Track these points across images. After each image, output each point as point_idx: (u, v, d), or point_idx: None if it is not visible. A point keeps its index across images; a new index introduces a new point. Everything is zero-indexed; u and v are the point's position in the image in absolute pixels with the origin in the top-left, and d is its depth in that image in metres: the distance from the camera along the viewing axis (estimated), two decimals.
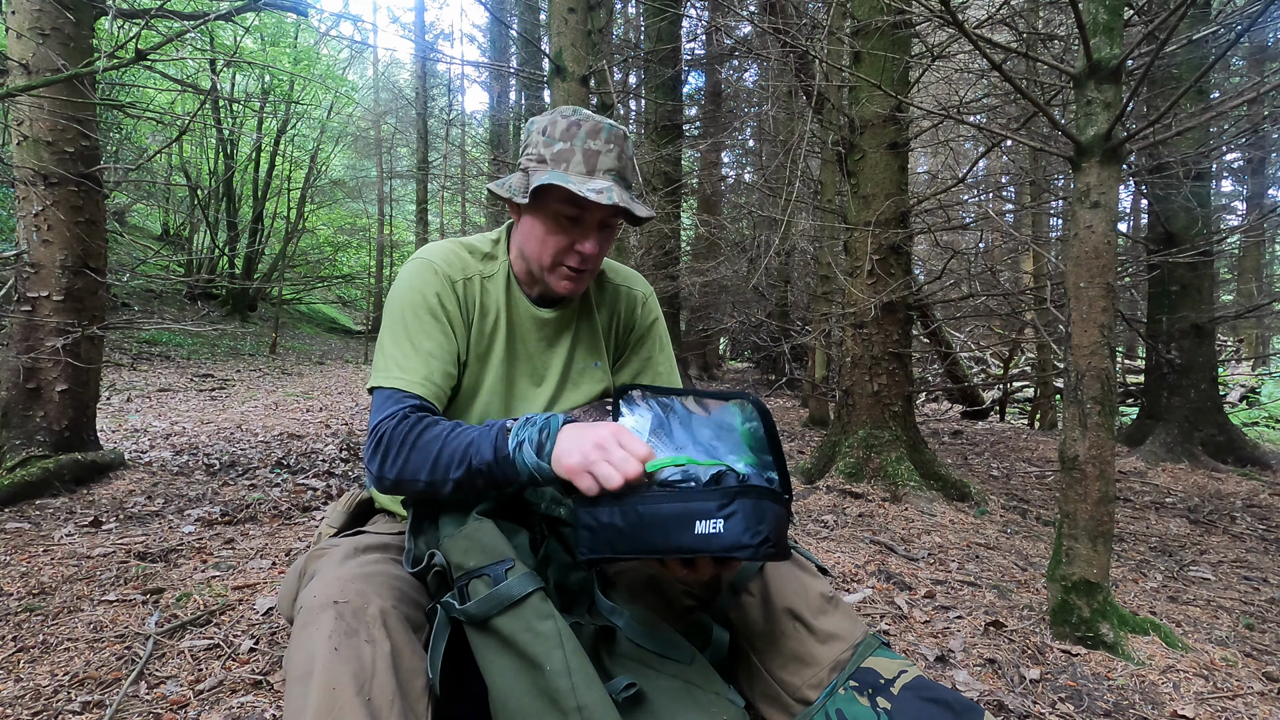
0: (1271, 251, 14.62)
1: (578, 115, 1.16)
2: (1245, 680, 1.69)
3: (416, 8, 16.55)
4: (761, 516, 0.89)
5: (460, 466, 1.01)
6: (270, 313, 13.45)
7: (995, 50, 2.56)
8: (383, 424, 1.07)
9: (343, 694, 0.82)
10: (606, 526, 0.92)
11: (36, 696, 1.41)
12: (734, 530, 0.87)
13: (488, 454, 1.00)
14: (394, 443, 1.05)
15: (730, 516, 0.88)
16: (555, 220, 1.17)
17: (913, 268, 4.34)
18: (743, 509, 0.88)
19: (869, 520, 3.19)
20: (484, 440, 1.01)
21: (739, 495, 0.89)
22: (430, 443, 1.04)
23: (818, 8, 5.17)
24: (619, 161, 1.16)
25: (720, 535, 0.88)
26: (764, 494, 0.91)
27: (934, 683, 1.01)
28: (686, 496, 0.90)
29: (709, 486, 0.91)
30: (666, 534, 0.89)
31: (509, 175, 1.24)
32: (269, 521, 2.82)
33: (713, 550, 0.88)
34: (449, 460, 1.02)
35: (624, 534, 0.91)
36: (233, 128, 13.19)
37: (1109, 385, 1.81)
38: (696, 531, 0.88)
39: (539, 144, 1.17)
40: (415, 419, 1.07)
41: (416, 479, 1.04)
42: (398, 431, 1.05)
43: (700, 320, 11.83)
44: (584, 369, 1.30)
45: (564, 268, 1.19)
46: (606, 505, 0.92)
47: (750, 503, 0.89)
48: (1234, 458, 5.36)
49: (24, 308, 3.07)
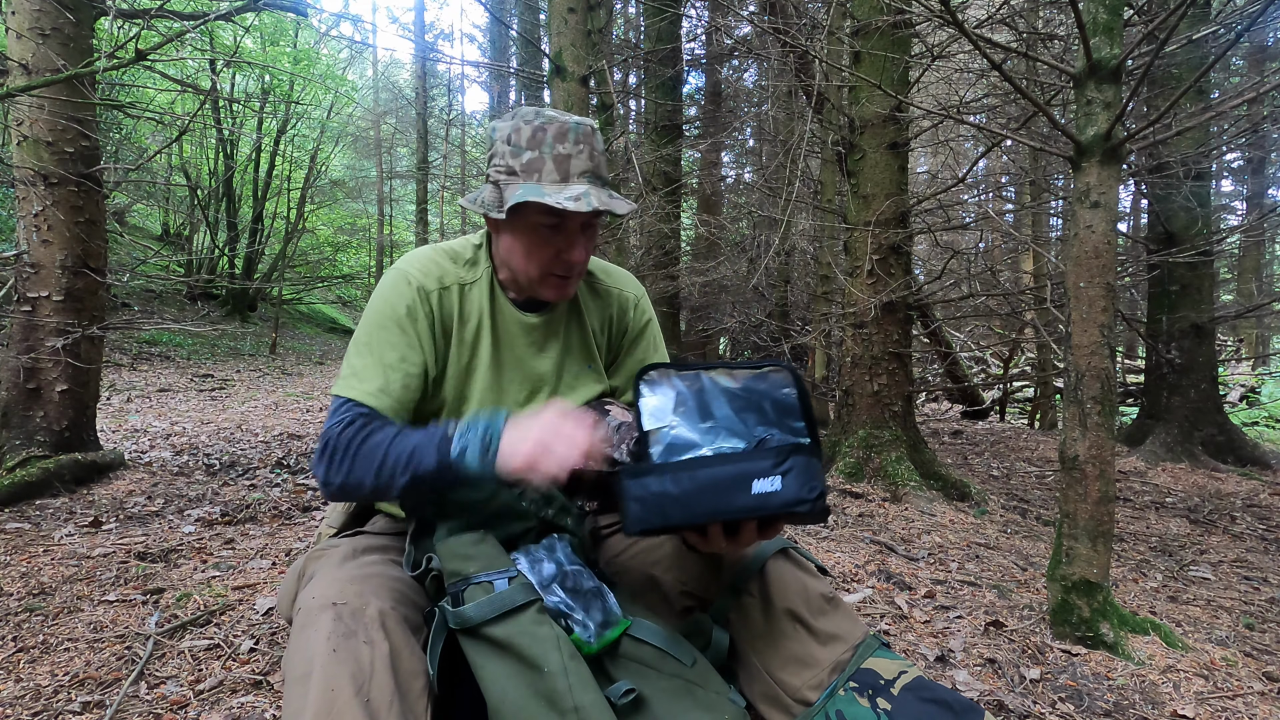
0: (1271, 251, 14.62)
1: (540, 119, 1.13)
2: (1245, 680, 1.69)
3: (416, 8, 16.55)
4: (814, 472, 0.91)
5: (405, 473, 1.01)
6: (270, 313, 13.45)
7: (995, 50, 2.56)
8: (329, 430, 1.08)
9: (341, 695, 0.82)
10: (658, 495, 0.91)
11: (36, 696, 1.41)
12: (791, 486, 0.89)
13: (430, 462, 1.00)
14: (339, 449, 1.05)
15: (787, 473, 0.89)
16: (535, 232, 1.14)
17: (913, 268, 4.34)
18: (797, 465, 0.89)
19: (869, 520, 3.19)
20: (427, 447, 1.01)
21: (793, 453, 0.90)
22: (374, 449, 1.04)
23: (818, 8, 5.16)
24: (591, 161, 1.13)
25: (779, 492, 0.88)
26: (813, 451, 0.92)
27: (934, 683, 1.01)
28: (738, 458, 0.90)
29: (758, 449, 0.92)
30: (725, 496, 0.89)
31: (479, 189, 1.20)
32: (269, 521, 2.82)
33: (773, 508, 0.89)
34: (393, 466, 1.02)
35: (678, 500, 0.90)
36: (233, 128, 13.18)
37: (1109, 385, 1.81)
38: (754, 491, 0.89)
39: (505, 154, 1.13)
40: (360, 424, 1.07)
41: (361, 484, 1.04)
42: (343, 438, 1.06)
43: (700, 320, 11.81)
44: (578, 373, 1.29)
45: (552, 276, 1.18)
46: (655, 475, 0.92)
47: (804, 459, 0.90)
48: (1234, 457, 5.36)
49: (24, 308, 3.07)
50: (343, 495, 1.08)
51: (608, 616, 1.00)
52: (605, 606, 1.01)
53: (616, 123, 7.40)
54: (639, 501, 0.92)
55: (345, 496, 1.08)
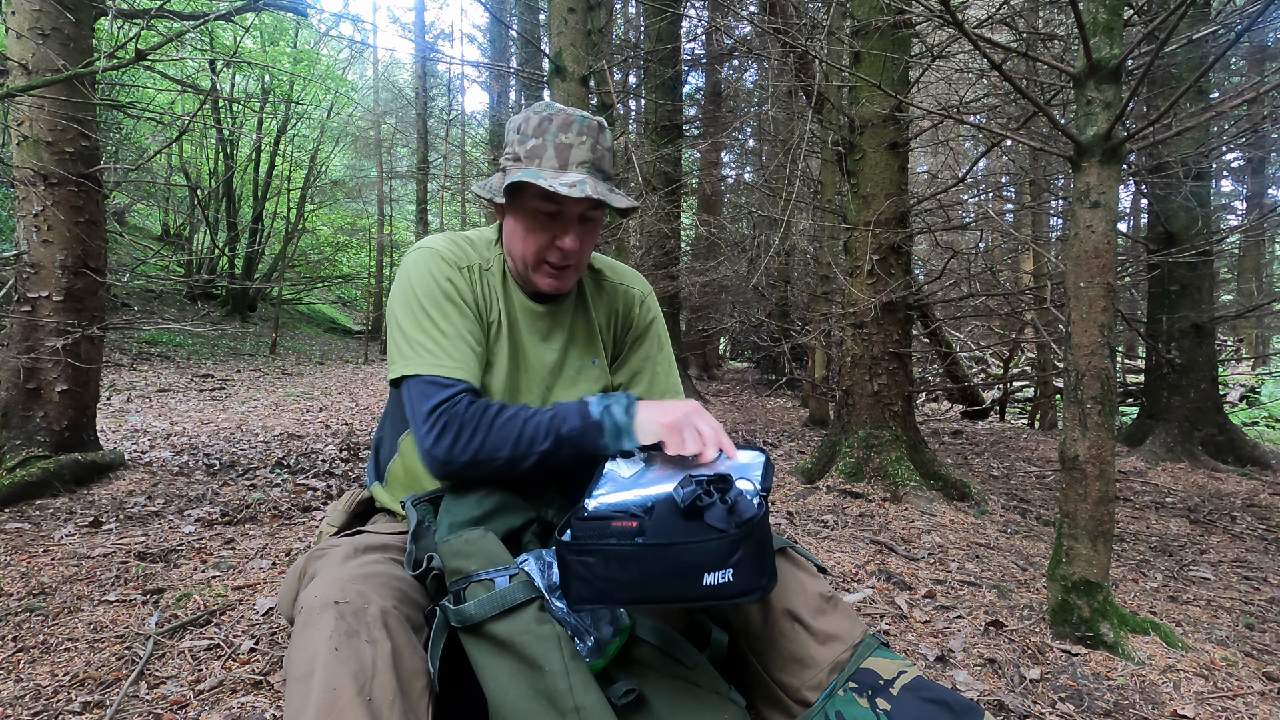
0: (1271, 251, 14.62)
1: (549, 110, 1.17)
2: (1245, 680, 1.69)
3: (416, 8, 16.54)
4: (764, 553, 0.89)
5: (547, 439, 1.06)
6: (270, 313, 13.45)
7: (995, 50, 2.56)
8: (442, 407, 1.07)
9: (343, 694, 0.82)
10: (603, 578, 0.89)
11: (36, 696, 1.41)
12: (744, 576, 0.87)
13: (575, 422, 1.07)
14: (467, 424, 1.06)
15: (739, 565, 0.87)
16: (533, 217, 1.17)
17: (913, 268, 4.34)
18: (748, 554, 0.87)
19: (869, 520, 3.19)
20: (568, 412, 1.09)
21: (743, 541, 0.87)
22: (509, 421, 1.07)
23: (818, 8, 5.16)
24: (593, 153, 1.16)
25: (731, 585, 0.87)
26: (764, 526, 0.90)
27: (933, 683, 1.01)
28: (685, 550, 0.87)
29: (710, 531, 0.88)
30: (675, 585, 0.88)
31: (492, 176, 1.25)
32: (269, 521, 2.82)
33: (725, 598, 0.88)
34: (533, 435, 1.06)
35: (625, 586, 0.89)
36: (233, 128, 13.19)
37: (1109, 385, 1.81)
38: (705, 583, 0.87)
39: (514, 142, 1.18)
40: (483, 402, 1.10)
41: (495, 456, 1.06)
42: (469, 413, 1.07)
43: (700, 320, 11.82)
44: (581, 367, 1.30)
45: (546, 265, 1.20)
46: (599, 555, 0.89)
47: (754, 544, 0.88)
48: (1234, 457, 5.36)
49: (24, 308, 3.07)
50: (467, 470, 1.08)
51: (617, 624, 1.00)
52: (614, 614, 1.00)
53: (616, 123, 7.40)
54: (583, 581, 0.90)
55: (468, 471, 1.07)
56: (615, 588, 0.89)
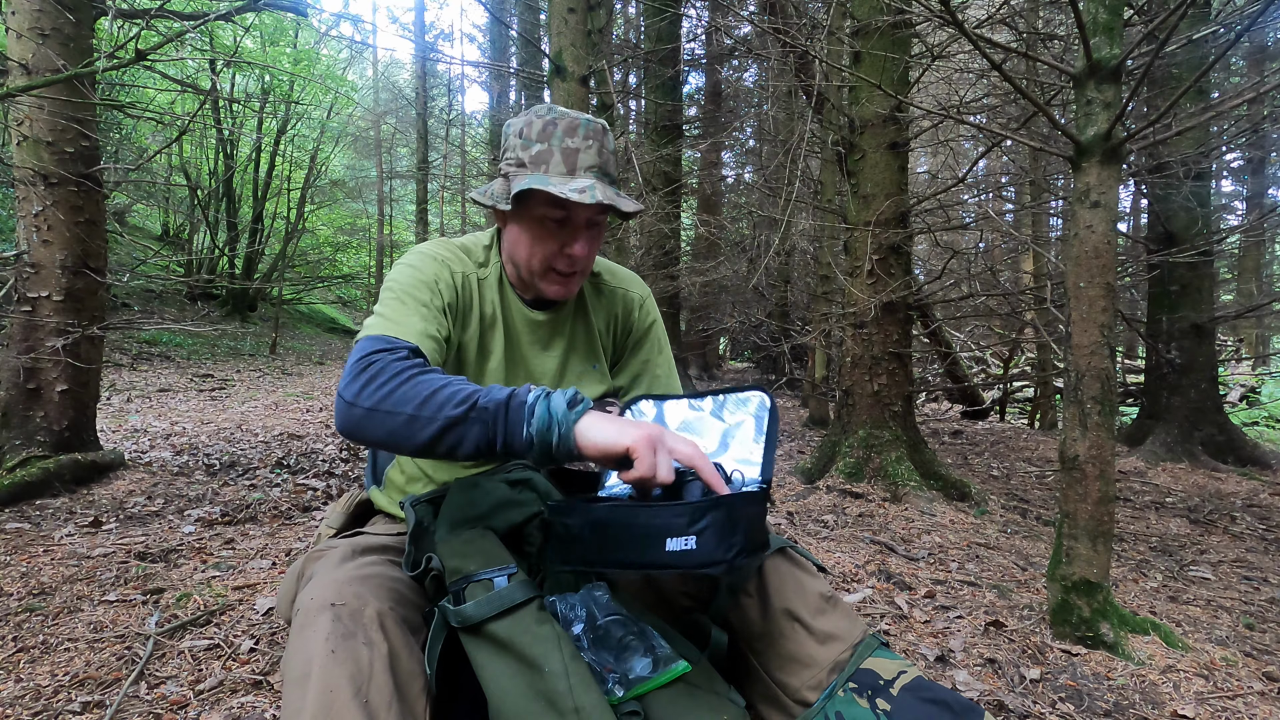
0: (1271, 251, 14.61)
1: (553, 114, 1.15)
2: (1245, 680, 1.69)
3: (416, 8, 16.53)
4: (734, 527, 0.87)
5: (461, 405, 0.92)
6: (270, 313, 13.45)
7: (995, 50, 2.56)
8: (377, 355, 0.98)
9: (340, 696, 0.82)
10: (576, 539, 0.92)
11: (37, 696, 1.41)
12: (707, 546, 0.86)
13: (500, 395, 0.93)
14: (384, 372, 0.95)
15: (702, 532, 0.86)
16: (541, 225, 1.15)
17: (913, 268, 4.34)
18: (714, 523, 0.86)
19: (869, 520, 3.18)
20: (497, 388, 0.95)
21: (710, 509, 0.86)
22: (430, 379, 0.95)
23: (818, 8, 5.16)
24: (600, 157, 1.14)
25: (693, 552, 0.86)
26: (736, 501, 0.89)
27: (933, 683, 1.00)
28: (653, 513, 0.88)
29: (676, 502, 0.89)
30: (637, 549, 0.88)
31: (490, 182, 1.22)
32: (269, 521, 2.82)
33: (687, 567, 0.86)
34: (447, 398, 0.92)
35: (591, 547, 0.90)
36: (233, 128, 13.18)
37: (1109, 385, 1.81)
38: (668, 548, 0.86)
39: (516, 147, 1.15)
40: (421, 362, 0.99)
41: (398, 410, 0.92)
42: (394, 364, 0.96)
43: (700, 320, 11.82)
44: (582, 372, 1.29)
45: (554, 272, 1.18)
46: (576, 515, 0.92)
47: (722, 515, 0.86)
48: (1234, 457, 5.36)
49: (24, 308, 3.07)
50: (366, 421, 0.94)
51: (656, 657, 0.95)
52: (649, 646, 0.96)
53: (616, 123, 7.40)
54: (562, 542, 0.93)
55: (367, 422, 0.94)
56: (587, 549, 0.91)
